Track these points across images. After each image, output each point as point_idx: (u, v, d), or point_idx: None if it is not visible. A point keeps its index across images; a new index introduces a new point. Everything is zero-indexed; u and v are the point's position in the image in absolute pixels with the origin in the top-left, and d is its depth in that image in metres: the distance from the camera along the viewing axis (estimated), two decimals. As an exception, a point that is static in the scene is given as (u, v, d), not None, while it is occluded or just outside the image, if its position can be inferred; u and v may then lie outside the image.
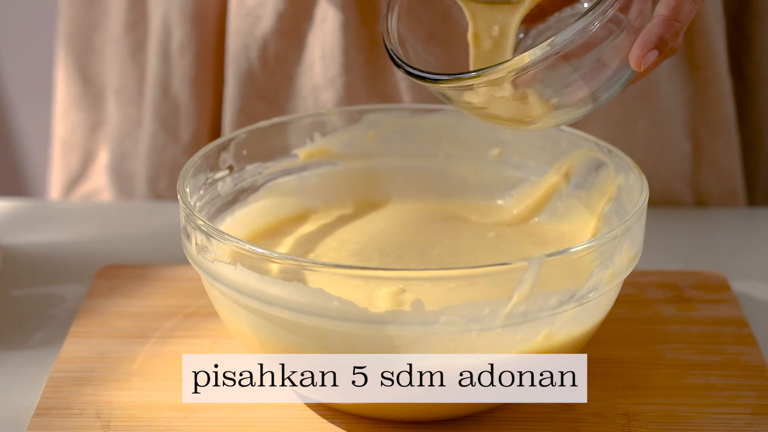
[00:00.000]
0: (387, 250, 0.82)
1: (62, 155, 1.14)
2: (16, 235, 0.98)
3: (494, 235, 0.85)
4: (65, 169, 1.15)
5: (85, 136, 1.13)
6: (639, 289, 0.88)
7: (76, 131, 1.13)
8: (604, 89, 0.77)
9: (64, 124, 1.13)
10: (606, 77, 0.76)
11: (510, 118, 0.79)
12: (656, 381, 0.79)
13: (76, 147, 1.13)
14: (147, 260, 0.95)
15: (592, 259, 0.72)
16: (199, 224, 0.73)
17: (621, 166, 0.81)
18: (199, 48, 1.03)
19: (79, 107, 1.12)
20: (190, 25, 1.02)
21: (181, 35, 1.02)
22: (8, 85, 1.87)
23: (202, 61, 1.03)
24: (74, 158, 1.14)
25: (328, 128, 0.88)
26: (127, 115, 1.09)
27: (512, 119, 0.79)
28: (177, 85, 1.04)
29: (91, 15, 1.10)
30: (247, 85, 1.02)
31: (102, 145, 1.13)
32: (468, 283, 0.69)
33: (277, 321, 0.71)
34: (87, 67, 1.11)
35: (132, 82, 1.08)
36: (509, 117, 0.78)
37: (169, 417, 0.76)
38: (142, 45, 1.07)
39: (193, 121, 1.05)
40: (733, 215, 1.04)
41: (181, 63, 1.03)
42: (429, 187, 0.89)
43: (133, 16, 1.06)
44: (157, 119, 1.06)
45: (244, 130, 0.85)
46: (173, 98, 1.05)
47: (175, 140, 1.06)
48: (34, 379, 0.80)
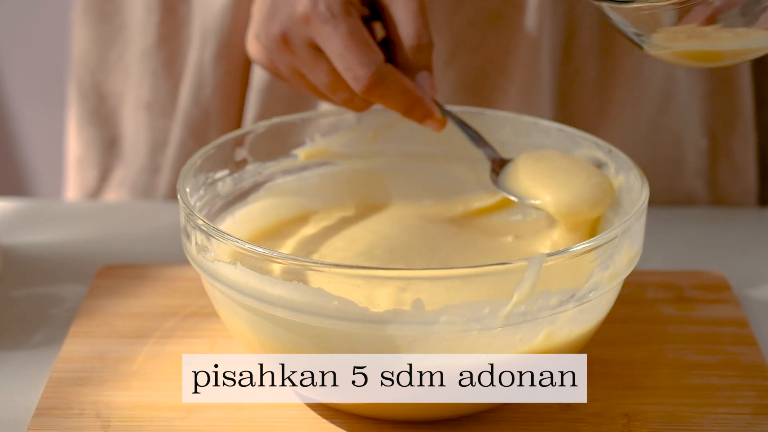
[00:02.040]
0: (389, 251, 0.82)
1: (78, 171, 1.14)
2: (16, 235, 0.98)
3: (495, 235, 0.85)
4: (81, 185, 1.14)
5: (101, 153, 1.12)
6: (639, 289, 0.88)
7: (92, 148, 1.12)
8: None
9: (79, 140, 1.13)
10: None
11: (704, 52, 0.76)
12: (656, 381, 0.79)
13: (92, 163, 1.13)
14: (147, 260, 0.95)
15: (592, 259, 0.72)
16: (199, 224, 0.73)
17: (621, 166, 0.81)
18: (232, 57, 1.03)
19: (94, 123, 1.11)
20: (226, 35, 1.01)
21: (216, 45, 1.02)
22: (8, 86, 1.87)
23: (234, 69, 1.03)
24: (91, 175, 1.13)
25: (328, 128, 0.88)
26: (159, 129, 1.08)
27: (706, 53, 0.76)
28: (209, 95, 1.04)
29: (107, 30, 1.08)
30: (269, 92, 1.02)
31: (118, 163, 1.12)
32: (468, 282, 0.69)
33: (277, 321, 0.71)
34: (102, 83, 1.10)
35: (165, 94, 1.07)
36: (703, 50, 0.76)
37: (169, 417, 0.76)
38: (176, 57, 1.06)
39: (221, 128, 1.05)
40: (735, 215, 1.04)
41: (215, 72, 1.03)
42: (429, 188, 0.89)
43: (167, 29, 1.05)
44: (186, 127, 1.06)
45: (244, 130, 0.85)
46: (203, 107, 1.04)
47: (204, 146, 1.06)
48: (34, 379, 0.80)
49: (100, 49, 1.09)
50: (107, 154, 1.12)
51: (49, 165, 1.89)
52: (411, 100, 0.82)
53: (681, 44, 0.76)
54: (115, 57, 1.09)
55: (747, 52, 0.77)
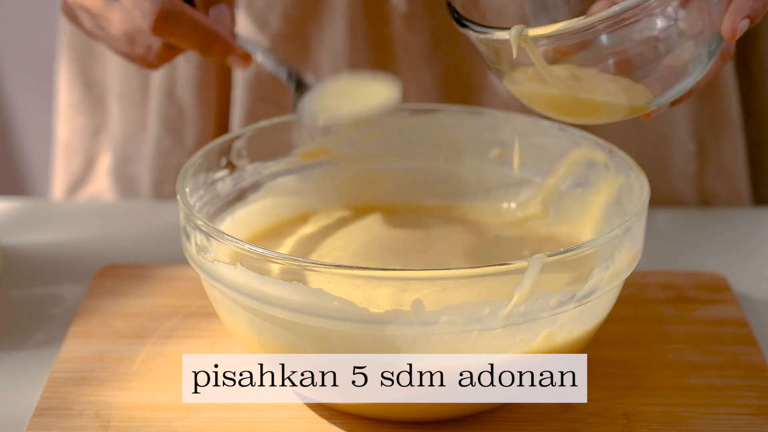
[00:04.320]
0: (388, 251, 0.82)
1: (64, 158, 1.15)
2: (15, 235, 0.98)
3: (495, 236, 0.85)
4: (67, 172, 1.15)
5: (87, 140, 1.13)
6: (639, 290, 0.88)
7: (78, 135, 1.13)
8: (693, 65, 0.74)
9: (67, 127, 1.13)
10: (690, 50, 0.73)
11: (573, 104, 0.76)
12: (657, 381, 0.79)
13: (78, 150, 1.13)
14: (146, 260, 0.95)
15: (592, 259, 0.72)
16: (199, 224, 0.73)
17: (621, 166, 0.81)
18: None
19: (81, 111, 1.12)
20: None
21: None
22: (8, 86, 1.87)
23: (208, 65, 1.03)
24: (76, 161, 1.14)
25: (327, 128, 0.88)
26: (131, 119, 1.09)
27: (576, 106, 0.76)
28: (182, 90, 1.04)
29: None
30: (255, 88, 1.02)
31: (104, 149, 1.13)
32: (468, 283, 0.69)
33: (277, 321, 0.71)
34: (89, 71, 1.11)
35: (135, 85, 1.08)
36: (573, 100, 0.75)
37: (169, 417, 0.76)
38: None
39: (198, 125, 1.05)
40: (733, 215, 1.04)
41: (186, 67, 1.03)
42: (429, 188, 0.89)
43: None
44: (161, 123, 1.06)
45: (244, 130, 0.85)
46: (178, 103, 1.05)
47: (180, 144, 1.06)
48: (34, 379, 0.80)
49: (86, 37, 1.09)
50: (93, 141, 1.13)
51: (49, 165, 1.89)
52: (207, 35, 0.81)
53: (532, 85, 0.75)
54: (101, 46, 1.09)
55: (606, 110, 0.76)
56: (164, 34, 0.80)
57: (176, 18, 0.79)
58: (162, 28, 0.79)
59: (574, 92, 0.75)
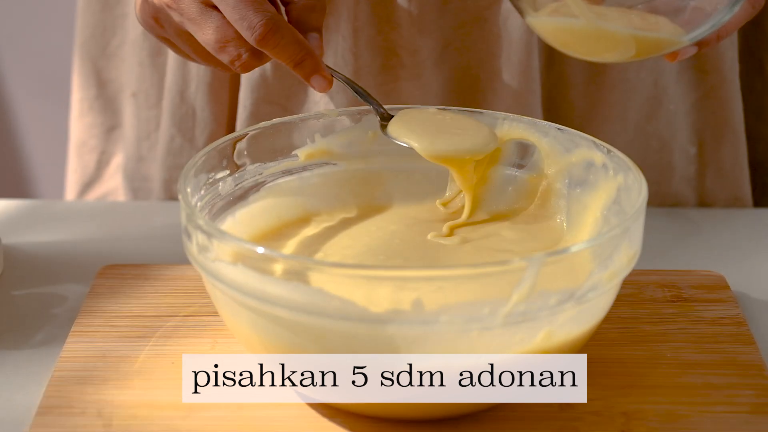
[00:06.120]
0: (389, 251, 0.82)
1: (78, 157, 1.15)
2: (17, 235, 0.99)
3: (494, 236, 0.85)
4: (80, 170, 1.15)
5: (100, 139, 1.14)
6: (638, 289, 0.89)
7: (92, 133, 1.14)
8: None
9: (80, 126, 1.14)
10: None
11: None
12: (655, 380, 0.79)
13: (92, 149, 1.14)
14: (148, 260, 0.95)
15: (591, 259, 0.72)
16: (200, 224, 0.73)
17: (620, 166, 0.81)
18: None
19: (94, 110, 1.13)
20: None
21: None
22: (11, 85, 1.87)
23: None
24: (89, 160, 1.14)
25: (328, 129, 0.88)
26: (144, 118, 1.10)
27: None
28: (194, 90, 1.05)
29: (109, 19, 1.10)
30: (260, 90, 1.02)
31: (117, 148, 1.14)
32: (468, 282, 0.69)
33: (278, 321, 0.71)
34: (103, 71, 1.11)
35: (150, 85, 1.08)
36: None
37: (170, 416, 0.76)
38: (162, 49, 1.07)
39: (209, 125, 1.06)
40: (732, 215, 1.04)
41: (198, 68, 1.04)
42: (429, 188, 0.89)
43: None
44: (173, 123, 1.06)
45: (245, 131, 0.85)
46: (189, 103, 1.05)
47: (191, 144, 1.07)
48: (36, 378, 0.80)
49: (101, 36, 1.10)
50: (106, 139, 1.14)
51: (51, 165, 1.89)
52: (304, 52, 0.83)
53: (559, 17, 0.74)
54: (115, 45, 1.10)
55: (636, 44, 0.74)
56: (267, 47, 0.82)
57: (282, 33, 0.82)
58: (268, 41, 0.82)
59: (601, 23, 0.74)
